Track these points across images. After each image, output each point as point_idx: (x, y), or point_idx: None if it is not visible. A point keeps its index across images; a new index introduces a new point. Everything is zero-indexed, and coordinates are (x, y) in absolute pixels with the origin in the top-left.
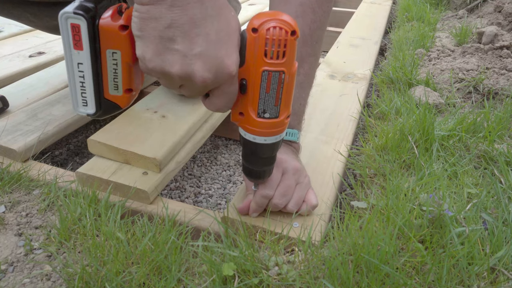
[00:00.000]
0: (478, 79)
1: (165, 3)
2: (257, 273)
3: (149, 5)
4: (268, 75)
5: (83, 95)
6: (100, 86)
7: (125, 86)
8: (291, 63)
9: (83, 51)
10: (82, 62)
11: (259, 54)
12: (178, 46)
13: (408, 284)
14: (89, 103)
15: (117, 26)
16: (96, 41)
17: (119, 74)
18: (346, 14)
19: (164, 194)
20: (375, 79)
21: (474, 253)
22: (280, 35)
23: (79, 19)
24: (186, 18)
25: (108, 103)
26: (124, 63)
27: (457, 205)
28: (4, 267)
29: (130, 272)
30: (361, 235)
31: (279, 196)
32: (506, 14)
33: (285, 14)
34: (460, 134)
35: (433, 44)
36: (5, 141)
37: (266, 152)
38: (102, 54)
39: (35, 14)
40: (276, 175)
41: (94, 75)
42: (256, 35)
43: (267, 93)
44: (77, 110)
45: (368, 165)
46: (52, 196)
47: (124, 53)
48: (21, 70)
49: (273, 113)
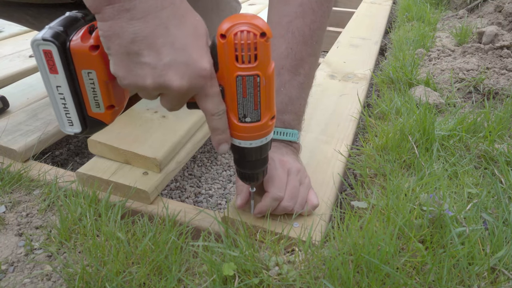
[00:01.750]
0: (479, 79)
1: (124, 17)
2: (258, 273)
3: (110, 21)
4: (242, 80)
5: (67, 115)
6: (82, 106)
7: (106, 103)
8: (265, 65)
9: (58, 75)
10: (60, 85)
11: (230, 59)
12: (146, 59)
13: (408, 284)
14: (74, 122)
15: (87, 47)
16: (70, 64)
17: (97, 92)
18: (346, 14)
19: (164, 194)
20: (375, 79)
21: (475, 253)
22: (249, 38)
23: (49, 45)
24: (148, 30)
25: (92, 120)
26: (100, 81)
27: (457, 205)
28: (5, 267)
29: (130, 272)
30: (361, 235)
31: (288, 198)
32: (506, 14)
33: (255, 17)
34: (461, 134)
35: (433, 44)
36: (6, 141)
37: (254, 155)
38: (78, 75)
39: (35, 16)
40: (283, 177)
41: (73, 96)
42: (225, 41)
43: (245, 98)
44: (64, 129)
45: (368, 165)
46: (53, 196)
47: (99, 72)
48: (22, 70)
49: (254, 117)
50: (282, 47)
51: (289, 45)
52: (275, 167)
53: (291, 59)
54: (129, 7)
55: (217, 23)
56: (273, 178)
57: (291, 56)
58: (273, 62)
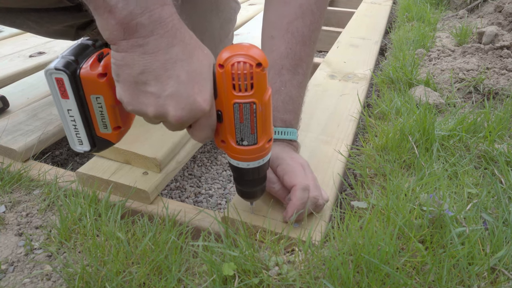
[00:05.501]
0: (479, 79)
1: (137, 51)
2: (257, 273)
3: (123, 53)
4: (239, 107)
5: (77, 135)
6: (91, 127)
7: (113, 125)
8: (261, 92)
9: (69, 99)
10: (71, 109)
11: (228, 88)
12: (151, 88)
13: (408, 284)
14: (83, 142)
15: (95, 75)
16: (80, 89)
17: (105, 115)
18: (346, 14)
19: (164, 194)
20: (375, 79)
21: (475, 253)
22: (245, 69)
23: (61, 74)
24: (157, 64)
25: (101, 140)
26: (108, 105)
27: (457, 205)
28: (5, 267)
29: (130, 272)
30: (361, 235)
31: (314, 188)
32: (506, 14)
33: (253, 47)
34: (460, 134)
35: (433, 44)
36: (5, 141)
37: (252, 175)
38: (87, 99)
39: (37, 21)
40: (300, 170)
41: (83, 119)
42: (223, 71)
43: (242, 123)
44: (74, 148)
45: (368, 165)
46: (53, 196)
47: (106, 97)
48: (22, 70)
49: (251, 140)
50: (282, 47)
51: (289, 45)
52: (289, 163)
53: (291, 59)
54: (142, 43)
55: (216, 24)
56: (293, 172)
57: (290, 56)
58: (270, 88)
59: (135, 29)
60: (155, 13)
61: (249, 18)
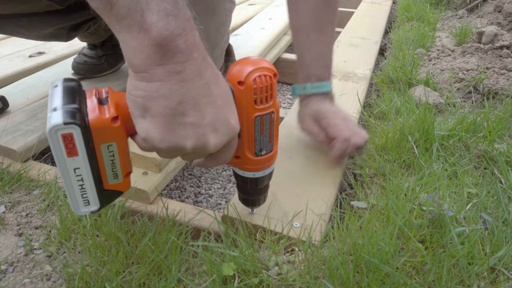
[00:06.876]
0: (478, 79)
1: (175, 79)
2: (257, 273)
3: (158, 82)
4: (260, 119)
5: (84, 196)
6: (100, 181)
7: (125, 172)
8: (276, 100)
9: (78, 156)
10: (79, 167)
11: (249, 103)
12: (190, 119)
13: (408, 284)
14: (91, 201)
15: (109, 120)
16: (90, 141)
17: (117, 163)
18: (346, 14)
19: (164, 194)
20: (375, 78)
21: (474, 253)
22: (266, 81)
23: (72, 128)
24: (195, 91)
25: (109, 193)
26: (121, 151)
27: (457, 205)
28: (4, 267)
29: (130, 272)
30: (361, 235)
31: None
32: (506, 14)
33: (261, 60)
34: (460, 134)
35: (433, 44)
36: (5, 141)
37: (265, 181)
38: (97, 150)
39: (26, 27)
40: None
41: (94, 174)
42: (244, 87)
43: (262, 134)
44: (79, 211)
45: (368, 165)
46: (52, 196)
47: (119, 143)
48: (21, 70)
49: (268, 148)
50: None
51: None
52: (331, 117)
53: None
54: (180, 69)
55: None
56: (336, 125)
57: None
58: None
59: (173, 52)
60: (191, 36)
61: (249, 18)
